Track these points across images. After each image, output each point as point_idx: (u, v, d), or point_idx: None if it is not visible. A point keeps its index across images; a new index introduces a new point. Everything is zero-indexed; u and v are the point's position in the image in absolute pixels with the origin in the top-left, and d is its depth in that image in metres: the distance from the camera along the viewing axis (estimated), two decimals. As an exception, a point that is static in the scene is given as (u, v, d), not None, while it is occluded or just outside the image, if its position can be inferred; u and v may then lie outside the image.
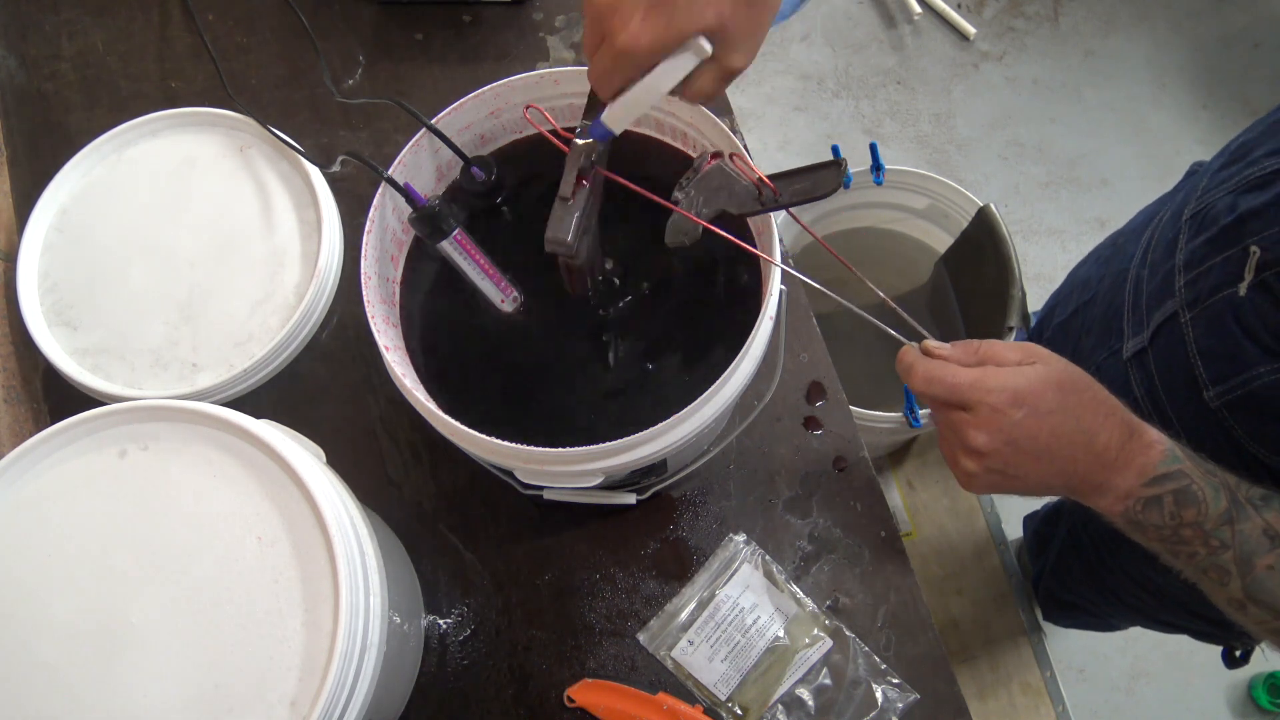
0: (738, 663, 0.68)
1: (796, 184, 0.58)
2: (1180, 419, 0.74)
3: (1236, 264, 0.64)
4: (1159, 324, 0.75)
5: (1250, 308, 0.63)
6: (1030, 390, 0.52)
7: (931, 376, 0.55)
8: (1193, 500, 0.52)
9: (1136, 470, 0.52)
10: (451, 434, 0.58)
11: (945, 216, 1.31)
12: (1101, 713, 1.52)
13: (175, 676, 0.52)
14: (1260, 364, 0.63)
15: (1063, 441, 0.52)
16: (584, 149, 0.55)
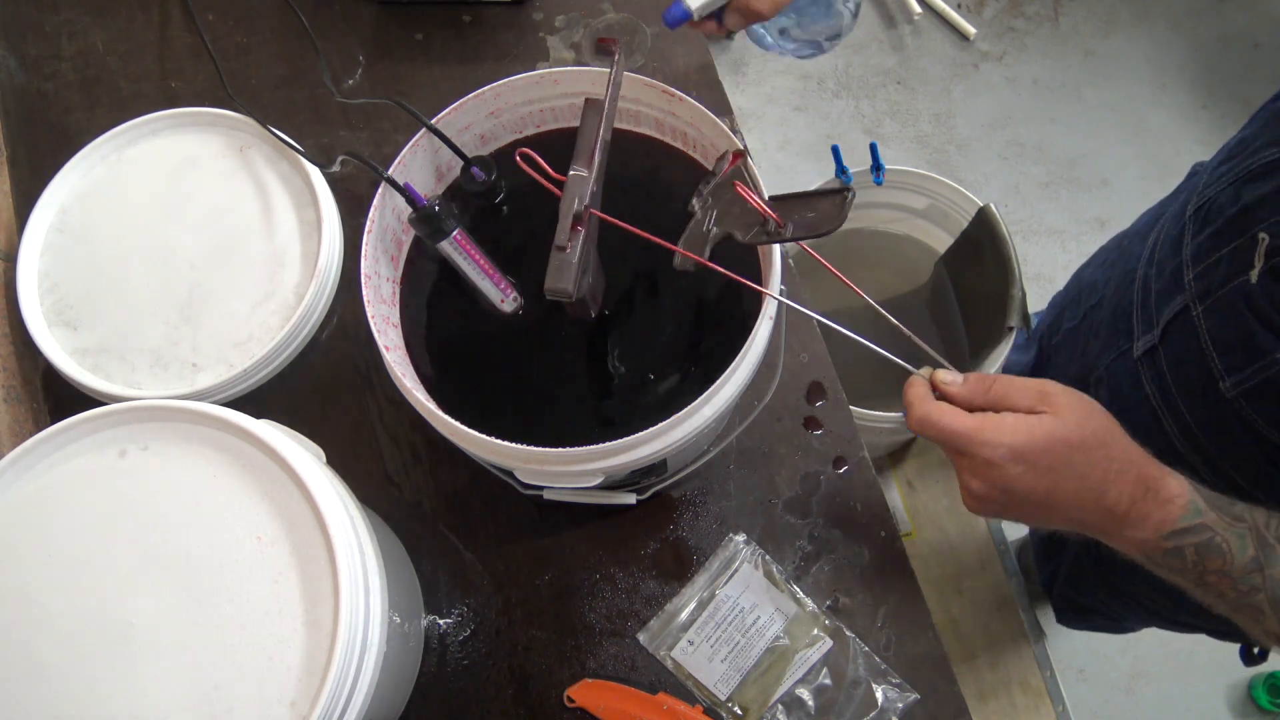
0: (738, 663, 0.68)
1: (801, 214, 0.57)
2: (1194, 414, 0.73)
3: (1245, 253, 0.64)
4: (1169, 320, 0.74)
5: (1263, 294, 0.63)
6: (1030, 448, 0.50)
7: (927, 420, 0.53)
8: (1217, 552, 0.51)
9: (1153, 526, 0.51)
10: (451, 434, 0.58)
11: (945, 216, 1.31)
12: (1101, 713, 1.52)
13: (175, 676, 0.52)
14: (1275, 349, 0.63)
15: (1065, 498, 0.51)
16: (575, 190, 0.56)
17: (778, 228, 0.57)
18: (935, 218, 1.34)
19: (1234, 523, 0.51)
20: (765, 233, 0.58)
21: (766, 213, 0.57)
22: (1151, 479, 0.52)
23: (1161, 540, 0.51)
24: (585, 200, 0.56)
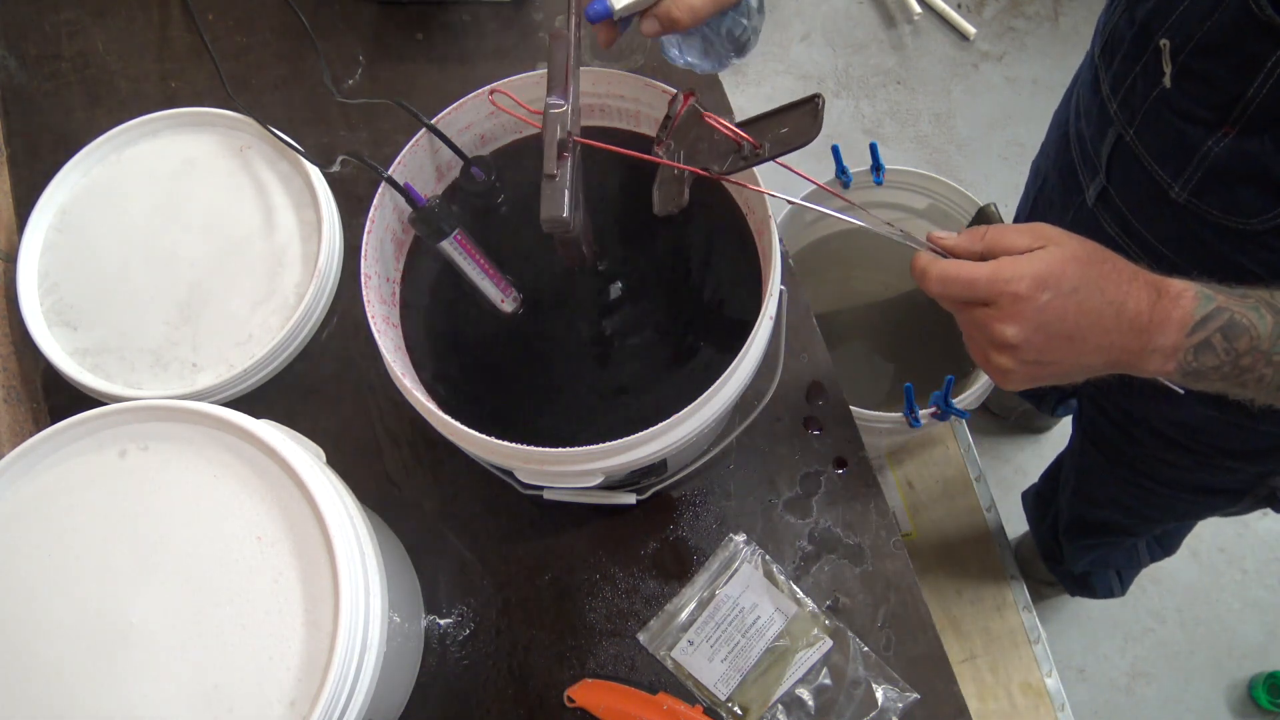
0: (738, 663, 0.68)
1: (773, 131, 0.56)
2: (1157, 234, 0.77)
3: (1154, 65, 0.69)
4: (1109, 155, 0.78)
5: (1180, 95, 0.68)
6: (1051, 272, 0.51)
7: (946, 276, 0.54)
8: (1241, 329, 0.52)
9: (1176, 324, 0.52)
10: (451, 434, 0.58)
11: (945, 216, 1.31)
12: (1101, 713, 1.52)
13: (175, 676, 0.52)
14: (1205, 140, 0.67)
15: (1093, 316, 0.52)
16: (557, 120, 0.55)
17: (753, 149, 0.56)
18: (935, 218, 1.33)
19: (1243, 299, 0.53)
20: (742, 158, 0.56)
21: (740, 136, 0.55)
22: (1158, 281, 0.53)
23: (1188, 338, 0.52)
24: (568, 127, 0.55)
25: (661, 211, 0.59)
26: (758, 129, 0.57)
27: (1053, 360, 0.53)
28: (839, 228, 1.39)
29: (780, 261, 0.60)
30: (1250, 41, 0.62)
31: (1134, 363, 0.54)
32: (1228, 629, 1.56)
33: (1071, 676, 1.53)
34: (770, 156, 0.56)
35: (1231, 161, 0.67)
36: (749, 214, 0.67)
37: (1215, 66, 0.65)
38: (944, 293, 0.55)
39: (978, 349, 0.56)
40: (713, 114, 0.57)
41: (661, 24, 0.63)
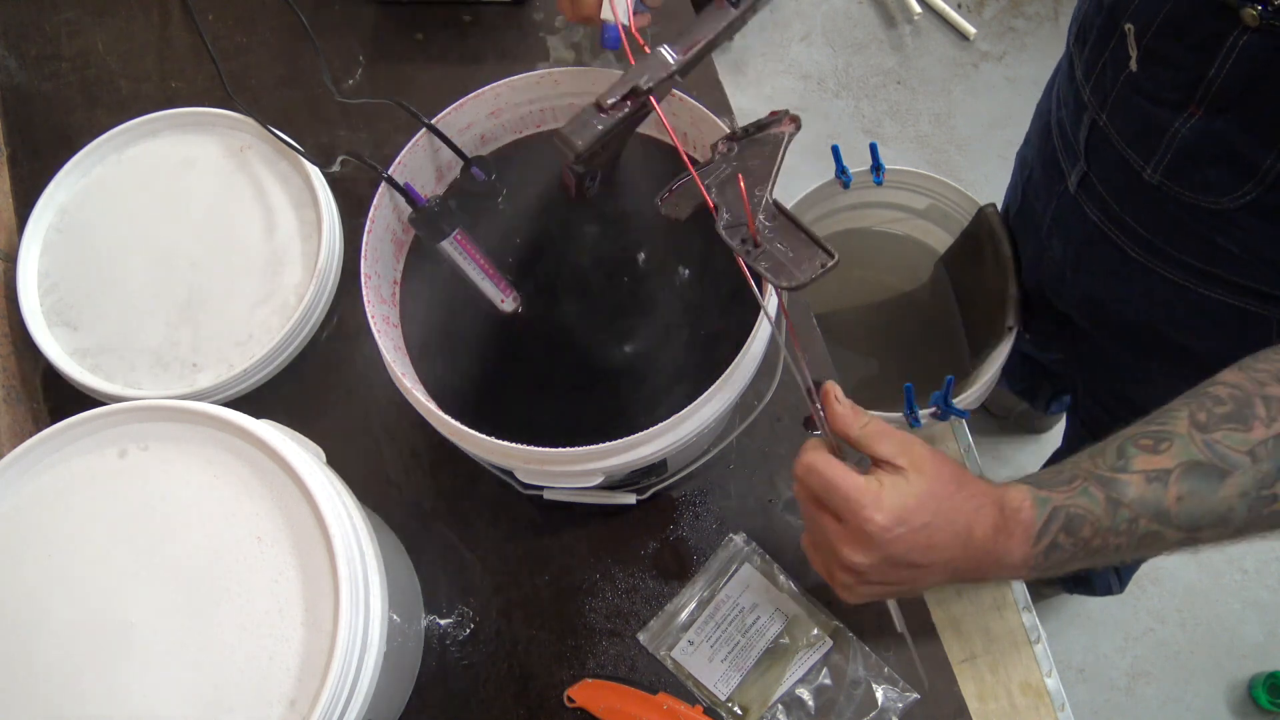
0: (738, 663, 0.68)
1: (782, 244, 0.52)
2: (1136, 219, 0.78)
3: (1120, 49, 0.70)
4: (1086, 140, 0.80)
5: (1146, 78, 0.69)
6: (906, 508, 0.50)
7: (813, 468, 0.52)
8: (1080, 520, 0.51)
9: (1020, 540, 0.52)
10: (451, 434, 0.58)
11: (945, 216, 1.31)
12: (1101, 713, 1.52)
13: (175, 676, 0.52)
14: (1173, 121, 0.68)
15: (940, 549, 0.51)
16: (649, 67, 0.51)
17: (753, 243, 0.52)
18: (935, 218, 1.33)
19: (1071, 486, 0.52)
20: (740, 238, 0.52)
21: (750, 222, 0.52)
22: (1001, 499, 0.52)
23: (1034, 547, 0.52)
24: (653, 81, 0.51)
25: (663, 208, 0.57)
26: (775, 226, 0.53)
27: (896, 582, 0.53)
28: (839, 227, 1.39)
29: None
30: (1208, 22, 0.63)
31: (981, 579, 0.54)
32: (1228, 629, 1.56)
33: (1071, 676, 1.53)
34: (753, 267, 0.51)
35: (1199, 142, 0.67)
36: (749, 214, 0.67)
37: (1177, 48, 0.66)
38: (804, 481, 0.53)
39: (820, 559, 0.55)
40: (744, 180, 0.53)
41: None
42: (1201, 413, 0.51)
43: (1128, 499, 0.51)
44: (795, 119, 0.56)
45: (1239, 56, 0.62)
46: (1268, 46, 0.60)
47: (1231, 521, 0.50)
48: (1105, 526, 0.51)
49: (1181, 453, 0.51)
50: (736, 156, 0.55)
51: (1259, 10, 0.59)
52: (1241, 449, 0.50)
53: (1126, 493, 0.51)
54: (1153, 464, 0.51)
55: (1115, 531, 0.51)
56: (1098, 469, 0.52)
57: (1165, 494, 0.50)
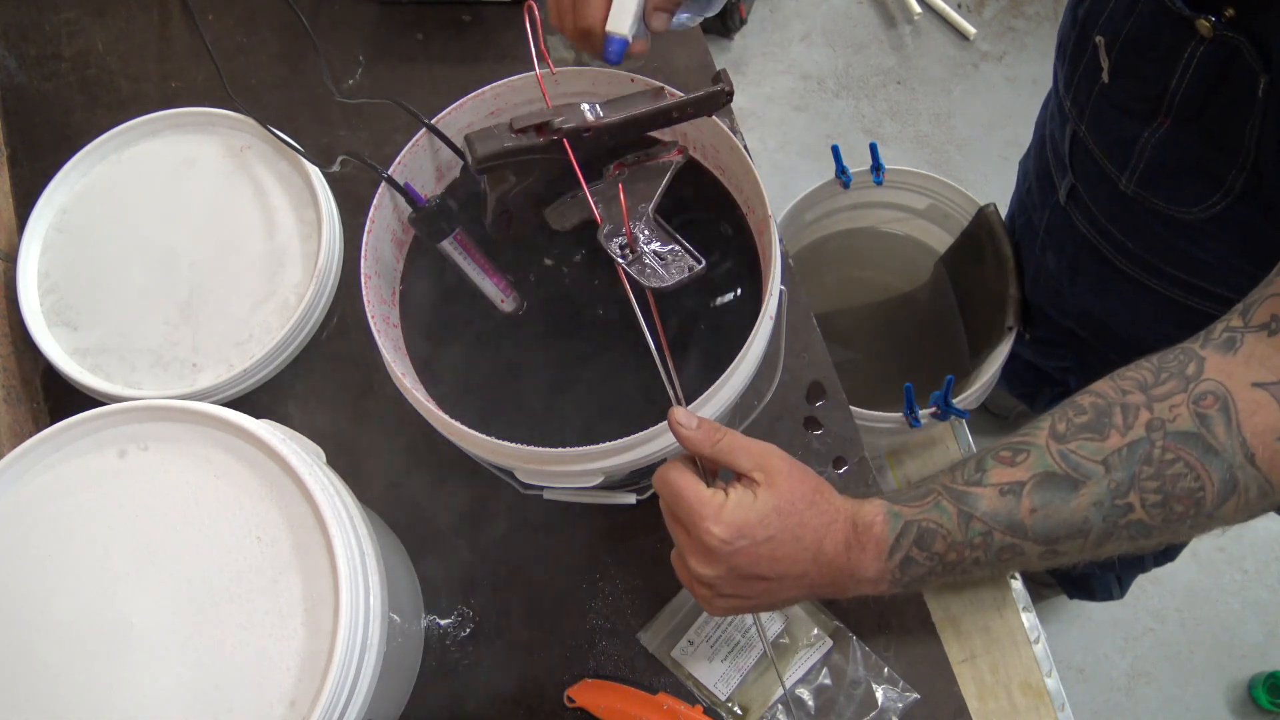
0: (738, 663, 0.68)
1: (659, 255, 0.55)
2: (1119, 230, 0.79)
3: (1093, 61, 0.71)
4: (1069, 152, 0.81)
5: (1116, 89, 0.70)
6: (747, 523, 0.50)
7: (664, 479, 0.53)
8: (932, 535, 0.51)
9: (873, 554, 0.52)
10: (451, 434, 0.58)
11: (945, 216, 1.31)
12: (1101, 713, 1.52)
13: (175, 676, 0.52)
14: (1143, 131, 0.68)
15: (787, 562, 0.51)
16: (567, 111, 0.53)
17: (630, 249, 0.55)
18: (935, 218, 1.33)
19: (924, 501, 0.52)
20: (619, 246, 0.56)
21: (627, 230, 0.55)
22: (855, 514, 0.52)
23: (889, 562, 0.52)
24: (567, 125, 0.54)
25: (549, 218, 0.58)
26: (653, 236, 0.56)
27: (750, 595, 0.53)
28: (839, 227, 1.39)
29: (780, 261, 0.60)
30: (1167, 34, 0.63)
31: (841, 592, 0.54)
32: (1228, 629, 1.56)
33: (1071, 676, 1.53)
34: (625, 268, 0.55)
35: (1168, 153, 0.68)
36: (749, 214, 0.67)
37: (1142, 60, 0.66)
38: (659, 491, 0.54)
39: (681, 571, 0.55)
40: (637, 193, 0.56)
41: (666, 9, 0.63)
42: (1062, 423, 0.51)
43: (979, 512, 0.50)
44: (683, 150, 0.60)
45: (1197, 67, 0.62)
46: (1221, 57, 0.60)
47: (1088, 532, 0.50)
48: (958, 540, 0.51)
49: (1037, 464, 0.50)
50: (628, 178, 0.58)
51: (1212, 21, 0.59)
52: (1095, 458, 0.49)
53: (978, 506, 0.50)
54: (1007, 476, 0.51)
55: (970, 545, 0.51)
56: (954, 482, 0.52)
57: (1019, 506, 0.50)
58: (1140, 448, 0.48)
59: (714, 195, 0.69)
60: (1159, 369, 0.51)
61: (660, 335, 0.54)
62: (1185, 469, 0.48)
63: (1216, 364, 0.49)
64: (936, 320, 1.38)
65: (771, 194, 0.62)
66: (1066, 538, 0.50)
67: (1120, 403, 0.50)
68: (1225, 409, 0.48)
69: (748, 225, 0.67)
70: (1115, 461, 0.49)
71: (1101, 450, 0.49)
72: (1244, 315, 0.50)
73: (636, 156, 0.60)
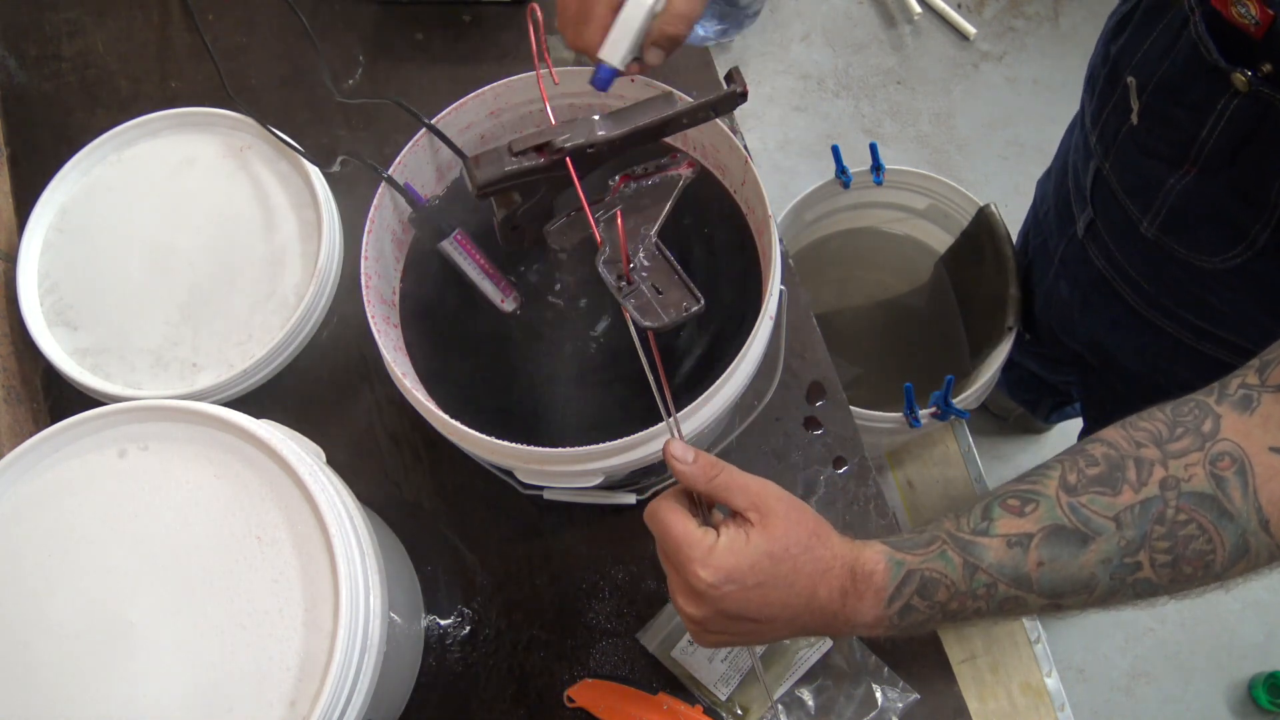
0: (738, 663, 0.68)
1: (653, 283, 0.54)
2: (1136, 270, 0.79)
3: (1123, 101, 0.70)
4: (1091, 187, 0.80)
5: (1145, 132, 0.69)
6: (737, 568, 0.49)
7: (654, 514, 0.52)
8: (935, 584, 0.50)
9: (871, 600, 0.51)
10: (451, 434, 0.58)
11: (945, 216, 1.31)
12: (1101, 713, 1.52)
13: (175, 676, 0.52)
14: (1168, 177, 0.68)
15: (777, 607, 0.50)
16: (571, 127, 0.52)
17: (625, 282, 0.53)
18: (935, 218, 1.33)
19: (928, 549, 0.51)
20: (615, 276, 0.54)
21: (625, 261, 0.53)
22: (854, 561, 0.51)
23: (887, 609, 0.51)
24: (570, 141, 0.52)
25: (550, 238, 0.57)
26: (654, 266, 0.54)
27: (738, 634, 0.52)
28: (839, 227, 1.39)
29: (780, 261, 0.60)
30: (1201, 84, 0.63)
31: (833, 634, 0.53)
32: (1228, 629, 1.56)
33: (1071, 676, 1.53)
34: (624, 304, 0.53)
35: (1192, 200, 0.67)
36: (749, 214, 0.67)
37: (1173, 107, 0.66)
38: (650, 526, 0.53)
39: (677, 605, 0.54)
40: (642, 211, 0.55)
41: (664, 47, 0.60)
42: (1073, 473, 0.50)
43: (985, 563, 0.49)
44: (694, 163, 0.57)
45: (1229, 120, 0.62)
46: (1256, 113, 0.60)
47: (1094, 589, 0.49)
48: (961, 591, 0.50)
49: (1046, 516, 0.49)
50: (632, 195, 0.57)
51: (1248, 76, 0.59)
52: (1107, 514, 0.48)
53: (984, 557, 0.49)
54: (1015, 527, 0.50)
55: (973, 595, 0.50)
56: (959, 531, 0.51)
57: (1026, 559, 0.49)
58: (1153, 506, 0.47)
59: (714, 195, 0.69)
60: (1174, 422, 0.49)
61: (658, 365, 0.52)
62: (1198, 531, 0.47)
63: (1233, 424, 0.48)
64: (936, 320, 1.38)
65: (771, 194, 0.62)
66: (1072, 593, 0.49)
67: (1134, 456, 0.49)
68: (1242, 473, 0.47)
69: (748, 225, 0.67)
70: (1127, 519, 0.48)
71: (1113, 506, 0.48)
72: (1260, 374, 0.49)
73: (645, 168, 0.58)
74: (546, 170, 0.53)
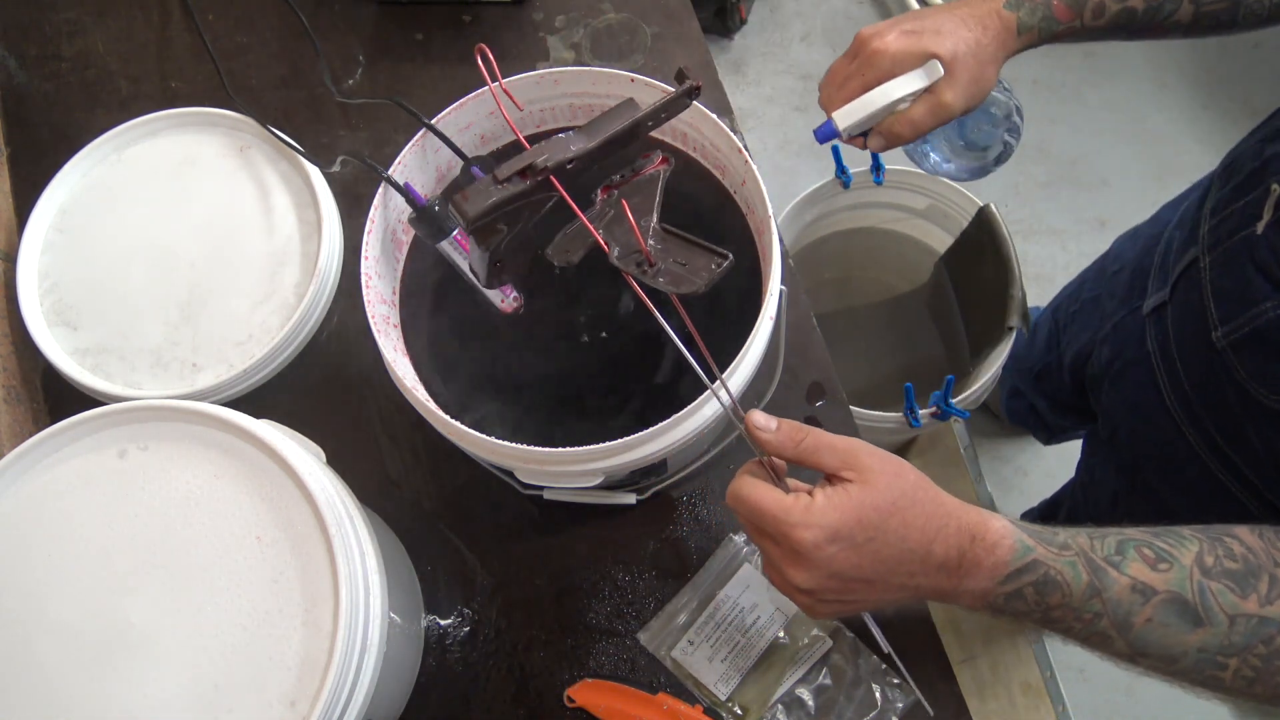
0: (738, 663, 0.68)
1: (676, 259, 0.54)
2: (1187, 370, 0.76)
3: (1257, 205, 0.66)
4: (1180, 273, 0.77)
5: (1266, 245, 0.65)
6: (844, 523, 0.48)
7: (738, 495, 0.51)
8: (1054, 586, 0.50)
9: (987, 573, 0.50)
10: (451, 434, 0.58)
11: (945, 216, 1.31)
12: (1101, 713, 1.52)
13: (175, 676, 0.52)
14: (1267, 299, 0.64)
15: (891, 564, 0.49)
16: (549, 147, 0.53)
17: (647, 264, 0.54)
18: (935, 218, 1.34)
19: (1061, 552, 0.50)
20: (635, 264, 0.55)
21: (642, 246, 0.54)
22: (975, 525, 0.50)
23: (999, 586, 0.50)
24: (551, 161, 0.53)
25: (553, 256, 0.58)
26: (667, 244, 0.55)
27: (855, 599, 0.51)
28: (839, 227, 1.39)
29: (780, 261, 0.60)
30: None
31: (946, 597, 0.52)
32: (1228, 629, 1.56)
33: (1071, 676, 1.53)
34: (653, 284, 0.54)
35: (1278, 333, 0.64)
36: (749, 214, 0.67)
37: None
38: (736, 510, 0.52)
39: (777, 580, 0.53)
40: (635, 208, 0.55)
41: (887, 140, 0.68)
42: (1210, 557, 0.51)
43: (1107, 594, 0.50)
44: (667, 158, 0.59)
45: None
46: None
47: (1176, 664, 0.50)
48: (1074, 606, 0.50)
49: (1175, 583, 0.50)
50: (618, 200, 0.58)
51: None
52: (1228, 610, 0.49)
53: (1110, 589, 0.50)
54: (1144, 576, 0.50)
55: (1078, 617, 0.50)
56: (1093, 552, 0.51)
57: (1139, 610, 0.50)
58: (1268, 627, 0.49)
59: (714, 195, 0.69)
60: None
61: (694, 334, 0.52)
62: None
63: None
64: (936, 320, 1.38)
65: (771, 194, 0.62)
66: (1158, 657, 0.50)
67: (1270, 572, 0.50)
68: None
69: (748, 225, 0.67)
70: (1241, 626, 0.49)
71: (1236, 606, 0.49)
72: None
73: (622, 175, 0.60)
74: (532, 193, 0.54)
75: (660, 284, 0.54)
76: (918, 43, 0.65)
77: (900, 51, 0.65)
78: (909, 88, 0.65)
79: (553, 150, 0.53)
